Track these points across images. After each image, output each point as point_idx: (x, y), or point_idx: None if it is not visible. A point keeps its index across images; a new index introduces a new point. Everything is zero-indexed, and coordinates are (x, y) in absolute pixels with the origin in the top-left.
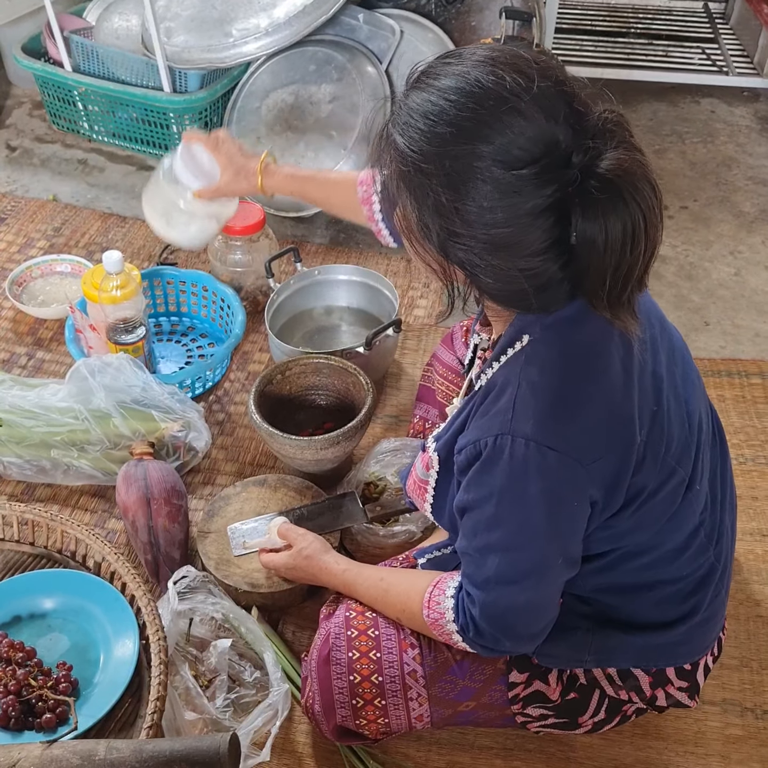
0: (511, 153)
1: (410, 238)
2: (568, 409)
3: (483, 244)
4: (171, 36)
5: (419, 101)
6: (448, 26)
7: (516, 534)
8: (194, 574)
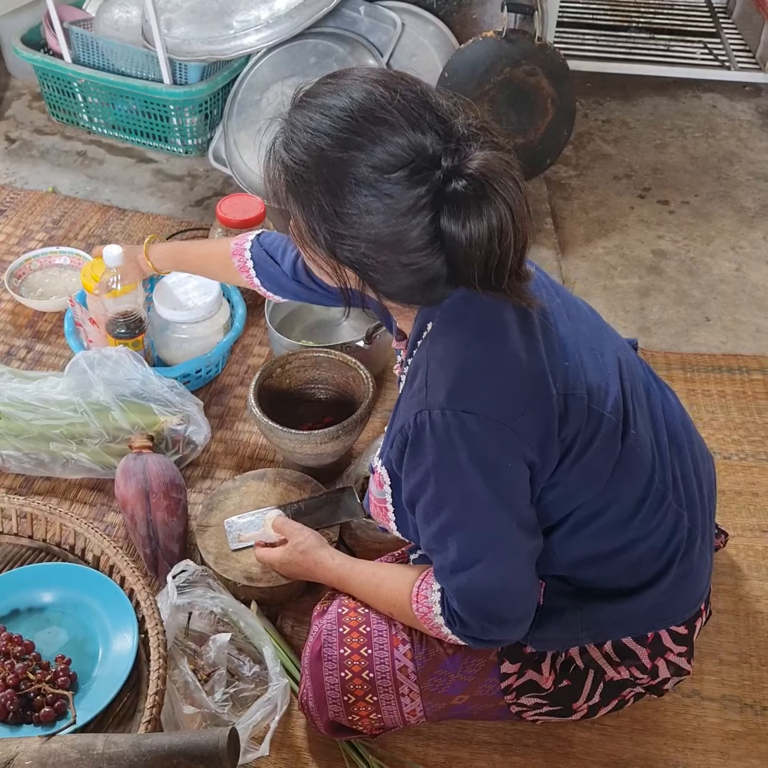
0: (381, 158)
1: (303, 245)
2: (476, 373)
3: (367, 243)
4: (171, 27)
5: (300, 118)
6: (450, 19)
7: (462, 509)
8: (193, 568)
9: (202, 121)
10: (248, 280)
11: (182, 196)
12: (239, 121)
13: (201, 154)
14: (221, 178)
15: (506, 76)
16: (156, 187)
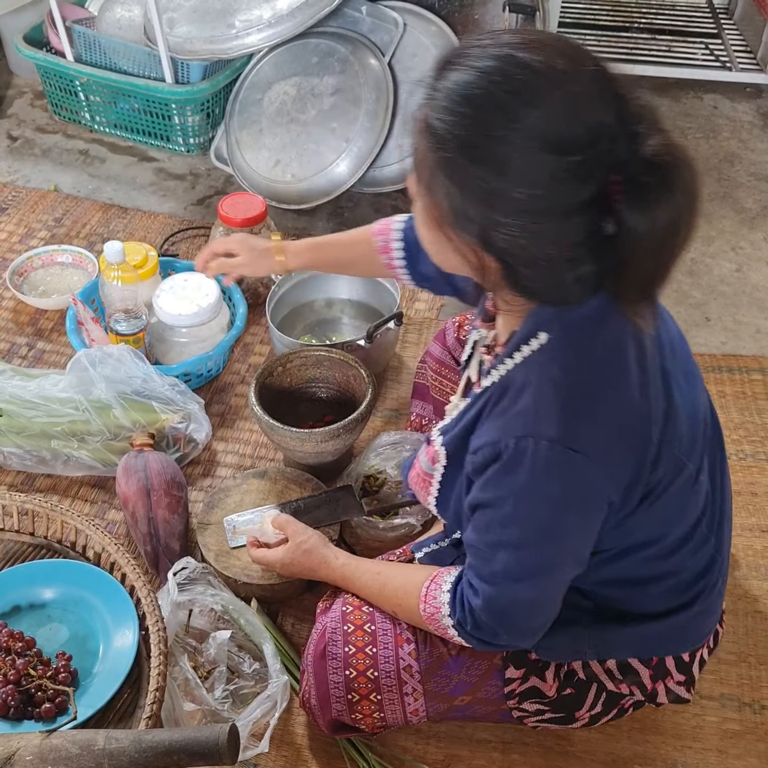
0: (561, 137)
1: (437, 227)
2: (591, 411)
3: (527, 233)
4: (173, 26)
5: (458, 83)
6: (451, 19)
7: (531, 533)
8: (194, 565)
9: (204, 120)
10: (388, 261)
11: (184, 194)
12: (241, 120)
13: (203, 153)
14: (223, 176)
15: None
16: (158, 185)
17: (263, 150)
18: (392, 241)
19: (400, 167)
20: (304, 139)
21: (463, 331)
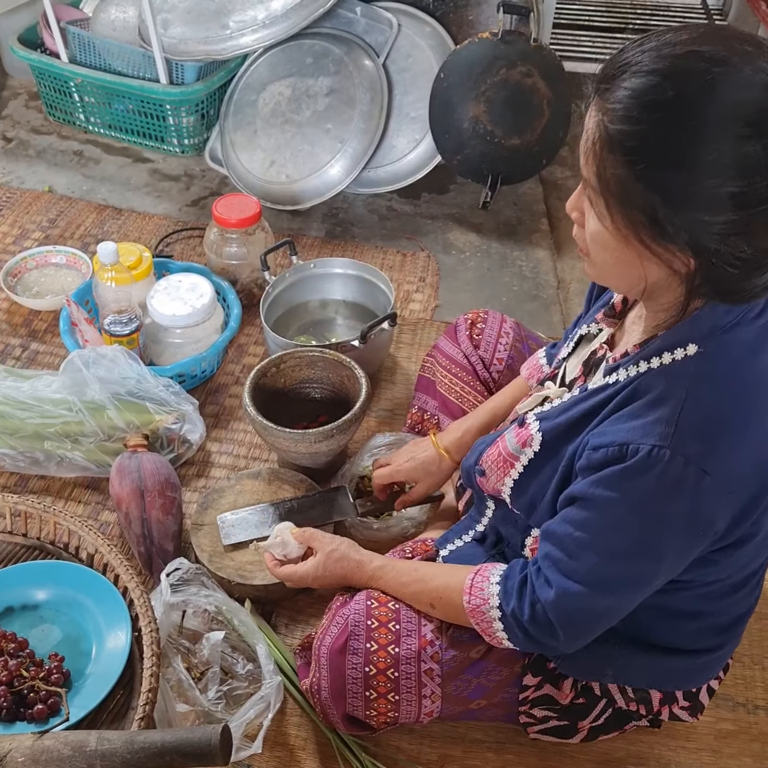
0: (760, 118)
1: (643, 244)
2: (732, 438)
3: (739, 228)
4: (168, 28)
5: (642, 90)
6: (446, 20)
7: (633, 544)
8: (187, 566)
9: (199, 121)
10: (533, 372)
11: (178, 195)
12: (236, 121)
13: (197, 154)
14: (217, 177)
15: (502, 77)
16: (152, 186)
17: (258, 151)
18: (543, 365)
19: (395, 168)
20: (298, 140)
21: (476, 329)
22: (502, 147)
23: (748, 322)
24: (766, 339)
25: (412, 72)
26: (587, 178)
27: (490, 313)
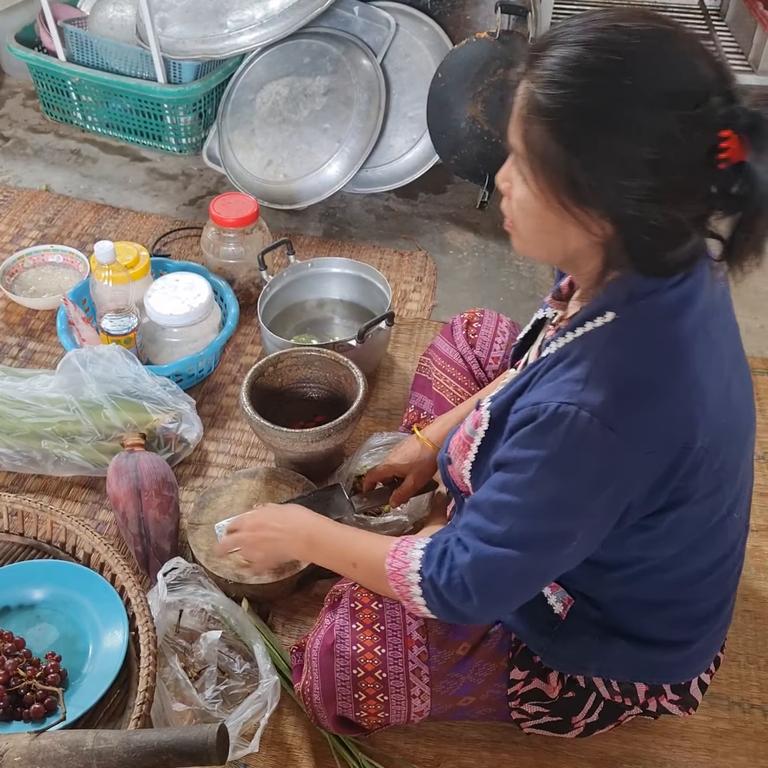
0: (680, 90)
1: (565, 207)
2: (642, 397)
3: (656, 195)
4: (165, 27)
5: (568, 57)
6: (443, 19)
7: (546, 503)
8: (184, 565)
9: (196, 120)
10: None
11: (176, 195)
12: (233, 120)
13: (195, 153)
14: (215, 177)
15: (500, 77)
16: (150, 185)
17: (255, 150)
18: None
19: (392, 168)
20: (296, 140)
21: (472, 328)
22: (499, 147)
23: (665, 289)
24: (683, 306)
25: (410, 72)
26: (514, 145)
27: (486, 312)
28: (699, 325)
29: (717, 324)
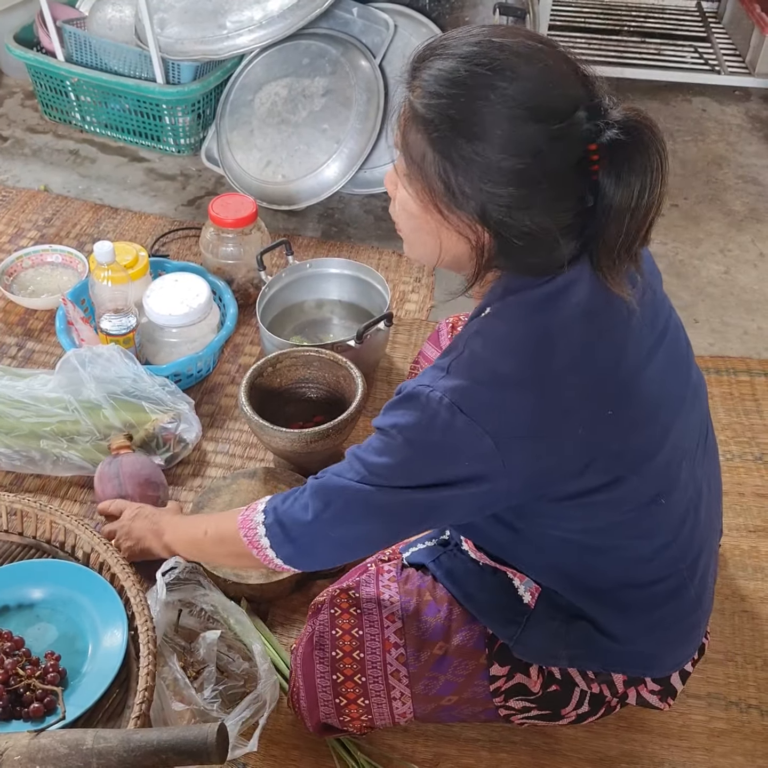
0: (543, 105)
1: (439, 210)
2: (496, 385)
3: (520, 203)
4: (164, 27)
5: (443, 69)
6: (442, 21)
7: (394, 469)
8: (183, 565)
9: (195, 121)
10: None
11: (174, 195)
12: (232, 121)
13: (193, 154)
14: (213, 177)
15: None
16: (148, 186)
17: (254, 151)
18: None
19: None
20: (294, 140)
21: (456, 331)
22: None
23: (533, 287)
24: (553, 301)
25: None
26: (395, 146)
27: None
28: (576, 318)
29: (610, 316)
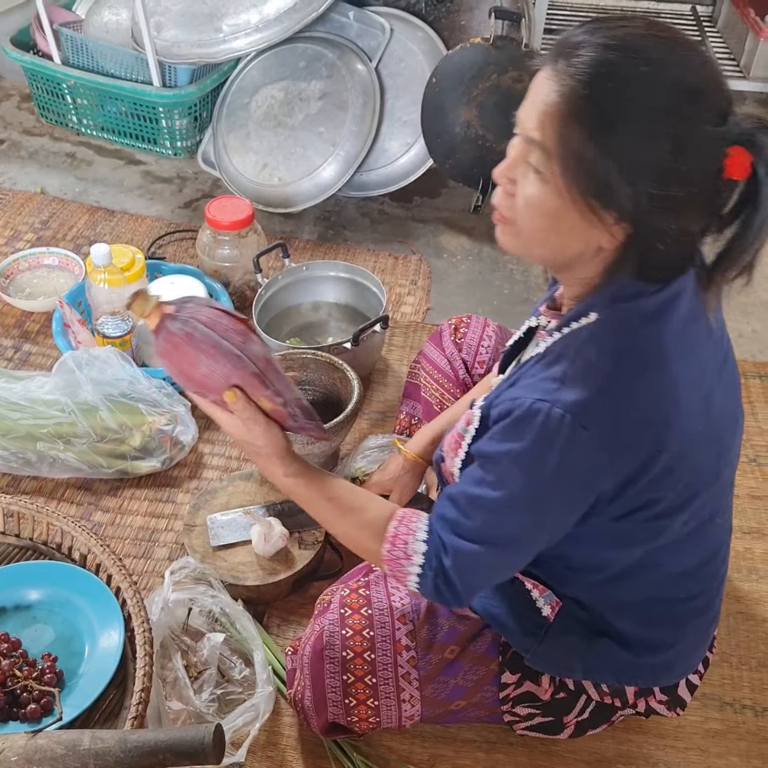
0: (713, 108)
1: (587, 205)
2: (615, 398)
3: (677, 204)
4: (161, 30)
5: (599, 62)
6: (438, 25)
7: (517, 498)
8: (194, 565)
9: (192, 124)
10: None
11: (171, 197)
12: (228, 123)
13: (190, 157)
14: (210, 180)
15: (494, 82)
16: (145, 188)
17: (250, 153)
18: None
19: (387, 171)
20: (291, 143)
21: (459, 333)
22: (493, 151)
23: (648, 295)
24: (664, 312)
25: (405, 76)
26: (539, 141)
27: (473, 317)
28: (679, 332)
29: (698, 331)
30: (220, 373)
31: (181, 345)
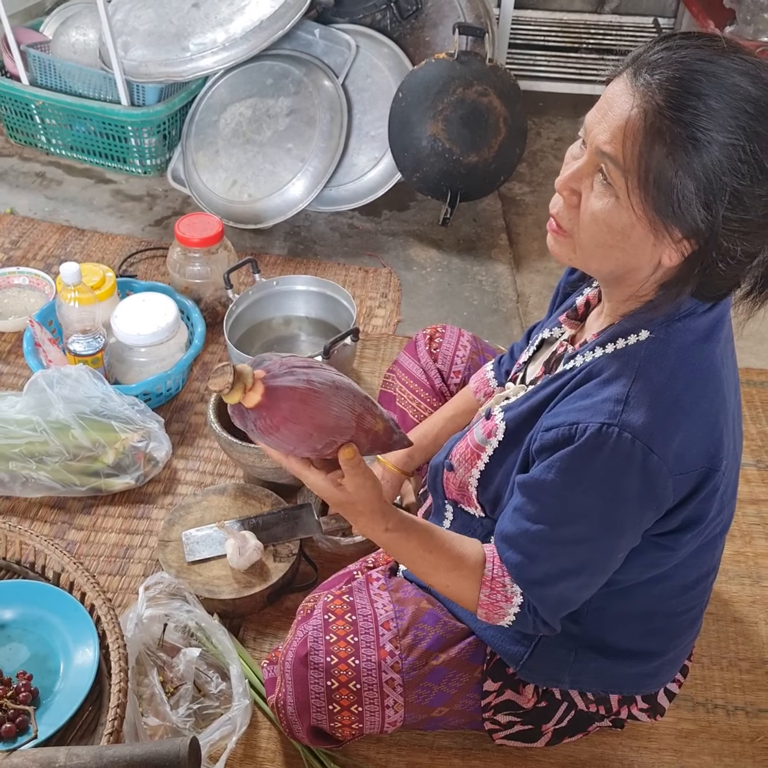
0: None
1: (660, 221)
2: (680, 419)
3: (749, 230)
4: (128, 50)
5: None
6: (403, 41)
7: (593, 527)
8: (169, 580)
9: (161, 142)
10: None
11: (141, 216)
12: (197, 141)
13: (160, 175)
14: (180, 197)
15: (459, 96)
16: (115, 207)
17: (220, 171)
18: (490, 380)
19: (355, 186)
20: (260, 160)
21: (434, 343)
22: (460, 164)
23: (699, 314)
24: (714, 331)
25: (371, 92)
26: (612, 155)
27: (448, 327)
28: (724, 351)
29: (731, 349)
30: (348, 407)
31: (307, 395)
